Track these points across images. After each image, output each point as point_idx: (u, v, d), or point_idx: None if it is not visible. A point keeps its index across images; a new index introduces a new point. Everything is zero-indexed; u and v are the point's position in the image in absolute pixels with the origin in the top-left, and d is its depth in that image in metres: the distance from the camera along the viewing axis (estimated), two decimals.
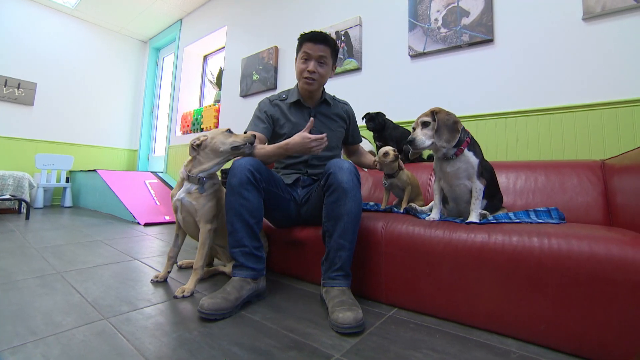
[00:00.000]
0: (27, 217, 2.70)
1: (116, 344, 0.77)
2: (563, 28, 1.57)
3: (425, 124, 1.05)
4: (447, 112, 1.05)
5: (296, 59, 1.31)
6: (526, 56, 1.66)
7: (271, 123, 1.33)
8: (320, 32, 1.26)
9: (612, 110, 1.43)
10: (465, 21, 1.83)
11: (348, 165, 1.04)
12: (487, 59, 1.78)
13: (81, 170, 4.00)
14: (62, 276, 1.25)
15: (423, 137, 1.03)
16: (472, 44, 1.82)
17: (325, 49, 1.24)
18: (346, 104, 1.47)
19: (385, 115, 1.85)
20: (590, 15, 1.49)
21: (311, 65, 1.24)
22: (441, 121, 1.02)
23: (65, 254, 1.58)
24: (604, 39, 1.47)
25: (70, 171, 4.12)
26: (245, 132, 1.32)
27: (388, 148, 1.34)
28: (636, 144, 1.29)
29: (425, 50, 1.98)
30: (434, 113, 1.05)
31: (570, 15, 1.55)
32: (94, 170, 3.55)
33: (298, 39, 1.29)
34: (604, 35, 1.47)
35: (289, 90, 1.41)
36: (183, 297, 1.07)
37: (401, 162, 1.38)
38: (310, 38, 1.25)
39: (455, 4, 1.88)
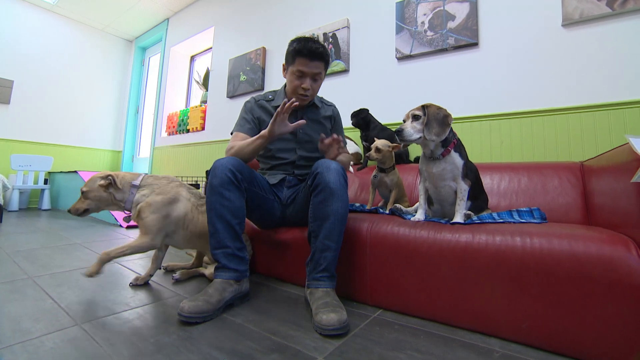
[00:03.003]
0: (0, 220, 2.58)
1: (88, 350, 0.73)
2: (544, 33, 1.61)
3: (415, 117, 1.04)
4: (439, 106, 1.05)
5: (286, 67, 1.25)
6: (509, 60, 1.70)
7: (257, 124, 1.30)
8: (316, 48, 1.17)
9: (590, 114, 1.47)
10: (451, 25, 1.87)
11: (335, 165, 1.04)
12: (472, 62, 1.81)
13: (61, 172, 3.86)
14: (34, 281, 1.19)
15: (411, 130, 1.03)
16: (458, 47, 1.85)
17: (320, 64, 1.21)
18: (330, 104, 1.44)
19: (368, 111, 1.85)
20: (569, 22, 1.54)
21: (306, 83, 1.21)
22: (431, 114, 1.02)
23: (40, 258, 1.51)
24: (582, 44, 1.52)
25: (50, 172, 3.98)
26: (231, 133, 1.31)
27: (379, 142, 1.34)
28: (612, 146, 1.33)
29: (412, 53, 2.00)
30: (424, 107, 1.04)
31: (551, 21, 1.60)
32: (75, 172, 3.43)
33: (291, 50, 1.20)
34: (583, 41, 1.52)
35: (275, 92, 1.38)
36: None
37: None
38: (306, 54, 1.16)
39: (442, 8, 1.91)
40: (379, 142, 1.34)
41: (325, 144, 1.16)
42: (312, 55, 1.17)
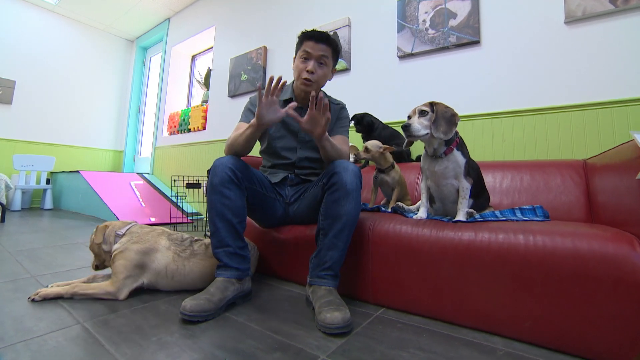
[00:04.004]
0: (3, 220, 2.58)
1: (91, 349, 0.73)
2: (546, 31, 1.60)
3: (422, 113, 1.03)
4: (446, 105, 1.04)
5: (295, 57, 1.26)
6: (512, 58, 1.69)
7: None
8: (322, 32, 1.20)
9: (593, 111, 1.47)
10: (453, 23, 1.86)
11: (353, 167, 1.04)
12: (474, 60, 1.80)
13: (63, 172, 3.87)
14: (37, 280, 1.19)
15: (419, 125, 1.01)
16: (460, 45, 1.84)
17: (326, 48, 1.19)
18: (339, 104, 1.37)
19: (372, 116, 1.85)
20: (571, 19, 1.53)
21: (311, 65, 1.19)
22: (440, 112, 1.01)
23: (42, 258, 1.51)
24: (585, 42, 1.51)
25: (52, 172, 3.99)
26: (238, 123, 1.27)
27: (369, 143, 1.33)
28: (615, 143, 1.32)
29: (413, 51, 2.00)
30: (432, 104, 1.03)
31: (553, 18, 1.59)
32: (77, 171, 3.44)
33: (298, 37, 1.23)
34: (585, 38, 1.51)
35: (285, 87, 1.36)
36: (33, 300, 0.98)
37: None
38: (312, 36, 1.19)
39: (443, 6, 1.90)
40: (369, 143, 1.34)
41: (308, 119, 1.02)
42: (318, 37, 1.18)
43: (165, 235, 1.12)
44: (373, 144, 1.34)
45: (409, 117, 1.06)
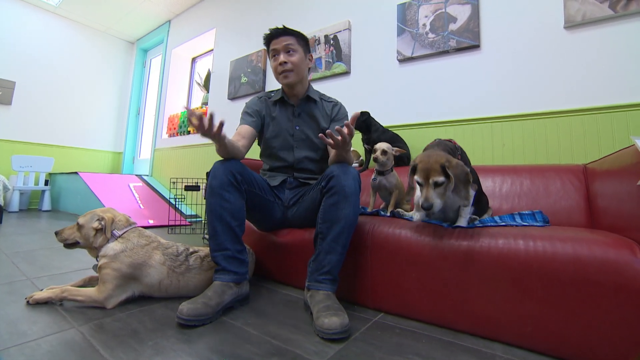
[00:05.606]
0: (0, 222, 2.57)
1: (85, 354, 0.72)
2: (546, 35, 1.61)
3: (438, 184, 0.89)
4: (456, 161, 0.92)
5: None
6: (511, 62, 1.70)
7: (260, 117, 1.32)
8: (277, 27, 1.25)
9: (593, 116, 1.47)
10: (453, 27, 1.86)
11: (352, 170, 1.04)
12: (474, 64, 1.81)
13: (62, 173, 3.86)
14: (33, 282, 1.18)
15: (438, 200, 0.89)
16: (459, 50, 1.85)
17: (288, 38, 1.24)
18: (332, 101, 1.38)
19: (369, 114, 1.84)
20: (571, 24, 1.54)
21: (280, 57, 1.23)
22: (457, 177, 0.88)
23: (39, 260, 1.50)
24: (584, 47, 1.51)
25: (50, 173, 3.98)
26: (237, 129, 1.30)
27: (385, 145, 1.32)
28: (615, 148, 1.32)
29: (413, 55, 2.00)
30: (444, 167, 0.89)
31: (553, 23, 1.59)
32: (76, 173, 3.43)
33: (264, 44, 1.29)
34: (585, 43, 1.51)
35: (277, 90, 1.39)
36: (28, 302, 0.97)
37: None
38: (271, 36, 1.25)
39: (443, 10, 1.91)
40: (384, 145, 1.31)
41: (332, 141, 0.96)
42: (275, 33, 1.24)
43: (160, 250, 1.08)
44: (388, 146, 1.31)
45: (420, 184, 0.93)
